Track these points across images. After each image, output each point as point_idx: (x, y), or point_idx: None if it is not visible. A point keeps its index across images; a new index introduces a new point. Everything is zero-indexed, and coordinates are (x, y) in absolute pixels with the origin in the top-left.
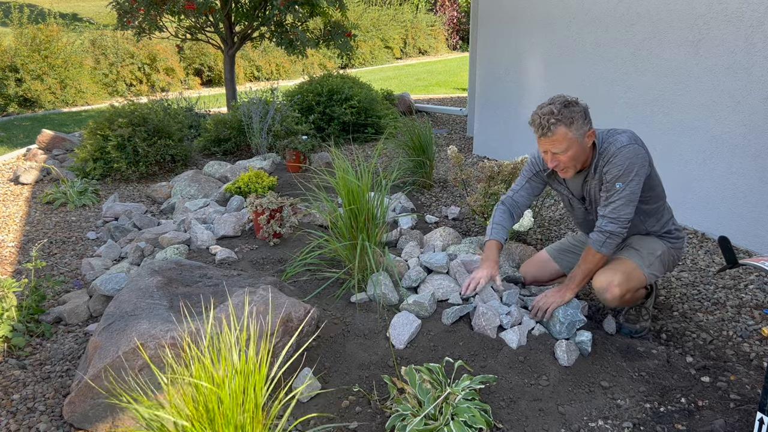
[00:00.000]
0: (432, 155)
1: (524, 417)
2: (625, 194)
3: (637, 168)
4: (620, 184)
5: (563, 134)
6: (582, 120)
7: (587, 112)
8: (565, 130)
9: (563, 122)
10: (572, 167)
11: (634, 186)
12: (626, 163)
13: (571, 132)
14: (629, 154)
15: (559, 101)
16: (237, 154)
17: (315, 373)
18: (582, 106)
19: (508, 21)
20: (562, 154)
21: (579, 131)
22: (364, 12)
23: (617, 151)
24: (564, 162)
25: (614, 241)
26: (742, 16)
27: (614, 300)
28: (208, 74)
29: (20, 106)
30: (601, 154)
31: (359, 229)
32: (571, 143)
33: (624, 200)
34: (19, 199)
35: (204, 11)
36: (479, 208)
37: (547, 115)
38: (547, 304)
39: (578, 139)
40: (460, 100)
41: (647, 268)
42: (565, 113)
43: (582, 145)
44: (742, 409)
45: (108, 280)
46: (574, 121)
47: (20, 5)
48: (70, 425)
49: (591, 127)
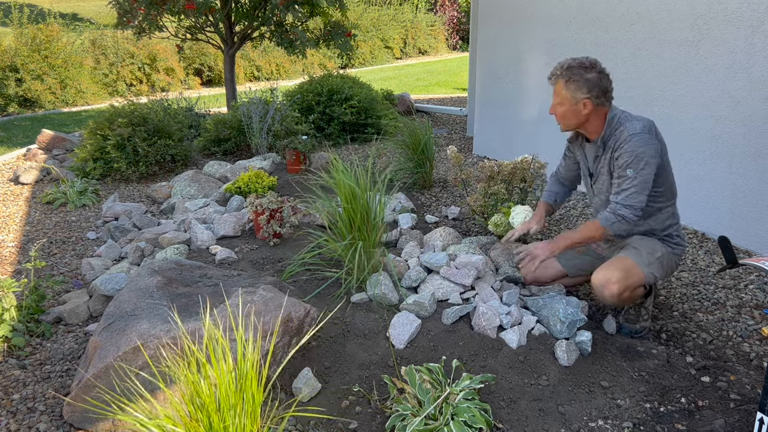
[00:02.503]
0: (432, 155)
1: (524, 417)
2: (638, 182)
3: (647, 158)
4: (631, 170)
5: (559, 89)
6: (583, 86)
7: (597, 84)
8: (562, 85)
9: (563, 77)
10: (563, 122)
11: (646, 175)
12: (637, 150)
13: (565, 91)
14: (640, 143)
15: (579, 60)
16: (237, 154)
17: (315, 373)
18: (598, 75)
19: (508, 21)
20: (558, 105)
21: (572, 93)
22: (364, 12)
23: (629, 137)
24: (557, 115)
25: (623, 225)
26: (742, 16)
27: (612, 297)
28: (208, 74)
29: (20, 106)
30: (612, 133)
31: (358, 229)
32: (563, 100)
33: (637, 188)
34: (19, 199)
35: (204, 11)
36: (479, 208)
37: (558, 67)
38: (535, 255)
39: (570, 100)
40: (460, 100)
41: (646, 267)
42: (571, 72)
43: (574, 108)
44: (742, 409)
45: (108, 280)
46: (572, 82)
47: (20, 5)
48: (70, 425)
49: (589, 96)
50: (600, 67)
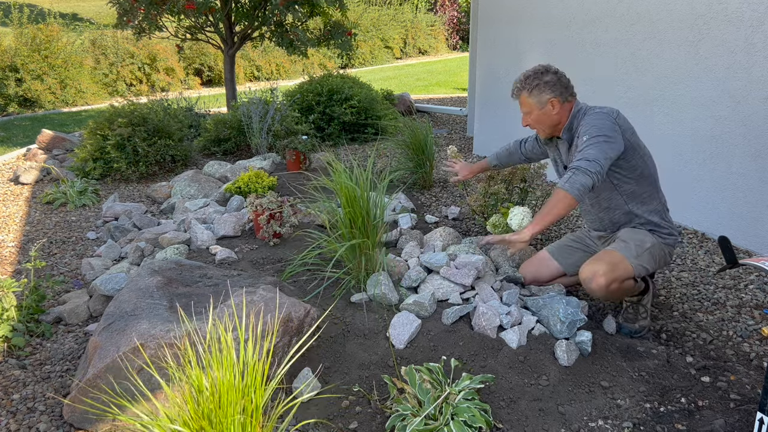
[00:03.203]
0: (432, 155)
1: (524, 417)
2: (593, 143)
3: (603, 129)
4: (586, 137)
5: (524, 99)
6: (544, 88)
7: (558, 82)
8: (526, 95)
9: (525, 89)
10: (540, 129)
11: (601, 141)
12: (592, 123)
13: (531, 98)
14: (595, 118)
15: (533, 69)
16: (237, 154)
17: (315, 373)
18: (555, 75)
19: (508, 21)
20: (527, 115)
21: (538, 98)
22: (364, 12)
23: (586, 116)
24: (530, 123)
25: (579, 178)
26: (742, 16)
27: (600, 289)
28: (208, 74)
29: (20, 106)
30: (578, 123)
31: (359, 229)
32: (531, 108)
33: (591, 146)
34: (19, 199)
35: (204, 11)
36: (479, 208)
37: (517, 81)
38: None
39: (538, 106)
40: (460, 100)
41: (635, 259)
42: (530, 81)
43: (544, 112)
44: (742, 409)
45: (108, 280)
46: (535, 88)
47: (20, 5)
48: (70, 425)
49: (556, 95)
50: (553, 69)
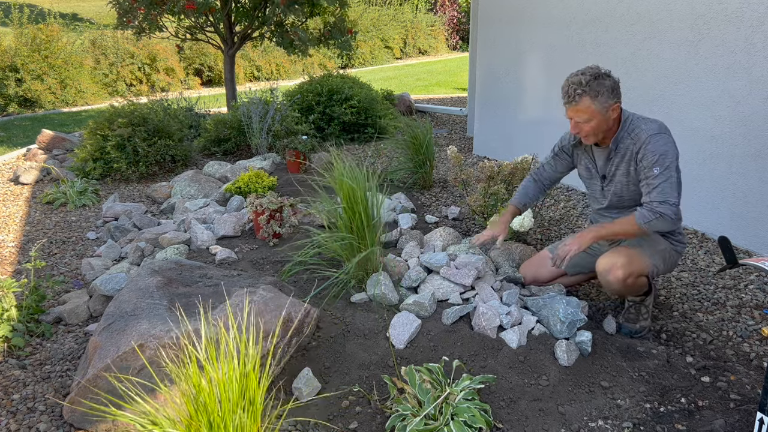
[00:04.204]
0: (432, 155)
1: (524, 417)
2: (666, 178)
3: (671, 156)
4: (657, 168)
5: (587, 105)
6: (608, 94)
7: (616, 87)
8: (589, 101)
9: (588, 94)
10: (593, 136)
11: (673, 171)
12: (661, 149)
13: (595, 104)
14: (662, 142)
15: (590, 72)
16: (237, 154)
17: (315, 373)
18: (612, 79)
19: (508, 21)
20: (585, 123)
21: (603, 104)
22: (364, 12)
23: (649, 138)
24: (586, 131)
25: (660, 223)
26: (742, 16)
27: (617, 282)
28: (208, 74)
29: (20, 106)
30: (627, 135)
31: (359, 229)
32: (593, 114)
33: (667, 183)
34: (19, 199)
35: (204, 11)
36: (479, 208)
37: (575, 84)
38: (565, 252)
39: (601, 112)
40: (460, 100)
41: (649, 257)
42: (593, 85)
43: (605, 118)
44: (742, 409)
45: (108, 280)
46: (599, 93)
47: (20, 5)
48: (70, 425)
49: (617, 101)
50: (607, 71)
